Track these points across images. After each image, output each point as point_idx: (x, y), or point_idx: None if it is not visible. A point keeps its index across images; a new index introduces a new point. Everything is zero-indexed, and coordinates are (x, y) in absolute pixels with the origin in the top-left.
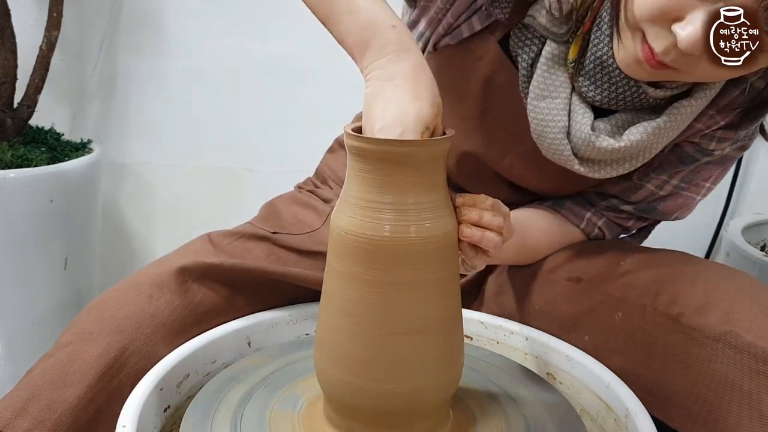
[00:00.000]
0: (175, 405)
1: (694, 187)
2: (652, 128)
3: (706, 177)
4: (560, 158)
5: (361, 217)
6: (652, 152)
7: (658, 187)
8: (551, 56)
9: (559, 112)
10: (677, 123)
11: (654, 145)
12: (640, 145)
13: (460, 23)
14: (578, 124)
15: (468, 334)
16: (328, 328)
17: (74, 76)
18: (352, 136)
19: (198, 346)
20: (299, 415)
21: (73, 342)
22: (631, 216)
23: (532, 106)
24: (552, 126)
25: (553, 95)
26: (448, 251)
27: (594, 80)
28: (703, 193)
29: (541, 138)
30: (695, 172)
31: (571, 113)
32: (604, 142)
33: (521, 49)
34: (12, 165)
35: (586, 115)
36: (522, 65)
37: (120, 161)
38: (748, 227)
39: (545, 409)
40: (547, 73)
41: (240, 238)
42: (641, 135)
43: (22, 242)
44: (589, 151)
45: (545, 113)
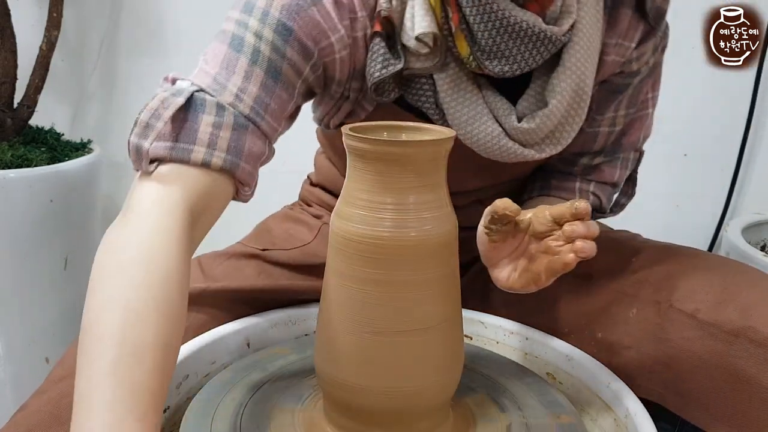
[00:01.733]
0: (174, 406)
1: (642, 105)
2: (564, 72)
3: (647, 90)
4: (517, 157)
5: (361, 217)
6: (586, 91)
7: (612, 125)
8: (446, 86)
9: (486, 125)
10: (585, 50)
11: (581, 84)
12: (567, 96)
13: (354, 109)
14: (503, 119)
15: (468, 334)
16: (327, 328)
17: (74, 76)
18: (351, 136)
19: (197, 347)
20: (299, 414)
21: (65, 377)
22: (608, 166)
23: (463, 137)
24: (489, 139)
25: (471, 115)
26: (448, 251)
27: (496, 52)
28: (652, 104)
29: (490, 153)
30: (635, 94)
31: (497, 116)
32: (534, 119)
33: (420, 99)
34: (12, 165)
35: (506, 111)
36: (430, 111)
37: (120, 161)
38: (748, 227)
39: (545, 410)
40: (453, 102)
41: (230, 258)
42: (559, 86)
43: (22, 242)
44: (530, 135)
45: (476, 134)
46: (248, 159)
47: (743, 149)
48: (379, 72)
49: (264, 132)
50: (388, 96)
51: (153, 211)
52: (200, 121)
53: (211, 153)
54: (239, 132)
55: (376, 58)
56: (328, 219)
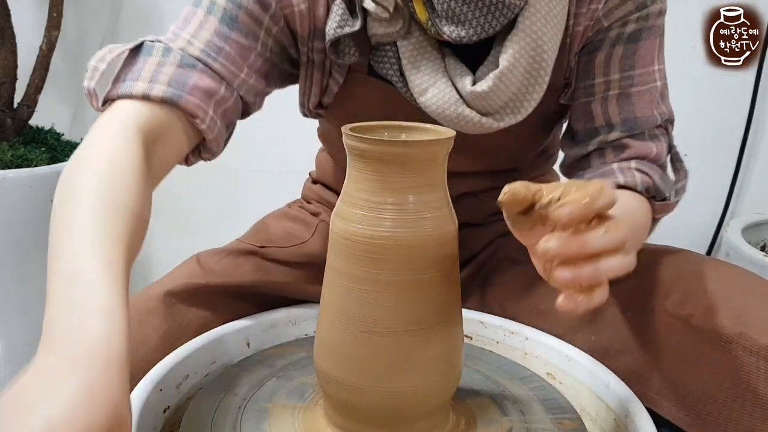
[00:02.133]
0: (174, 405)
1: (643, 78)
2: (517, 34)
3: (645, 61)
4: (475, 127)
5: (361, 218)
6: (545, 58)
7: (606, 90)
8: (409, 54)
9: (444, 92)
10: (543, 14)
11: (538, 48)
12: (522, 59)
13: (326, 84)
14: (461, 85)
15: (468, 334)
16: (327, 328)
17: (74, 76)
18: (351, 136)
19: (197, 347)
20: (300, 414)
21: None
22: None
23: (423, 104)
24: (447, 106)
25: (431, 82)
26: (448, 251)
27: (452, 17)
28: (660, 78)
29: (449, 122)
30: (627, 57)
31: (455, 84)
32: (484, 82)
33: (384, 67)
34: (12, 165)
35: (465, 77)
36: (394, 79)
37: None
38: (748, 227)
39: (545, 409)
40: (414, 69)
41: (228, 255)
42: (512, 47)
43: (22, 242)
44: (484, 100)
45: (435, 101)
46: (193, 92)
47: (743, 149)
48: (334, 30)
49: (217, 71)
50: (347, 58)
51: (106, 131)
52: (146, 62)
53: (152, 87)
54: (185, 69)
55: (334, 18)
56: (325, 216)
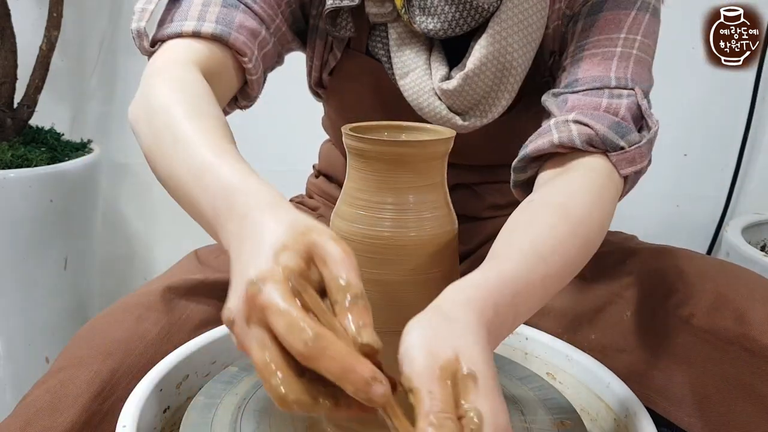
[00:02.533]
0: (174, 406)
1: (601, 42)
2: (486, 39)
3: (603, 30)
4: (442, 121)
5: (360, 217)
6: (514, 65)
7: (563, 61)
8: (396, 36)
9: (421, 79)
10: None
11: (506, 56)
12: (489, 64)
13: (326, 59)
14: (435, 77)
15: None
16: None
17: (74, 76)
18: (351, 136)
19: (197, 347)
20: (300, 415)
21: (64, 368)
22: (579, 96)
23: (402, 88)
24: (421, 94)
25: (412, 67)
26: (448, 251)
27: (424, 8)
28: (624, 45)
29: (422, 111)
30: (585, 29)
31: (432, 75)
32: (452, 81)
33: (376, 47)
34: (12, 165)
35: (440, 69)
36: (383, 59)
37: (120, 161)
38: (748, 227)
39: (545, 409)
40: (399, 51)
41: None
42: (479, 52)
43: (22, 242)
44: (452, 98)
45: (411, 86)
46: (240, 30)
47: (743, 149)
48: (332, 1)
49: (257, 13)
50: (342, 32)
51: (168, 68)
52: (191, 3)
53: (201, 24)
54: (229, 9)
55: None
56: (324, 212)
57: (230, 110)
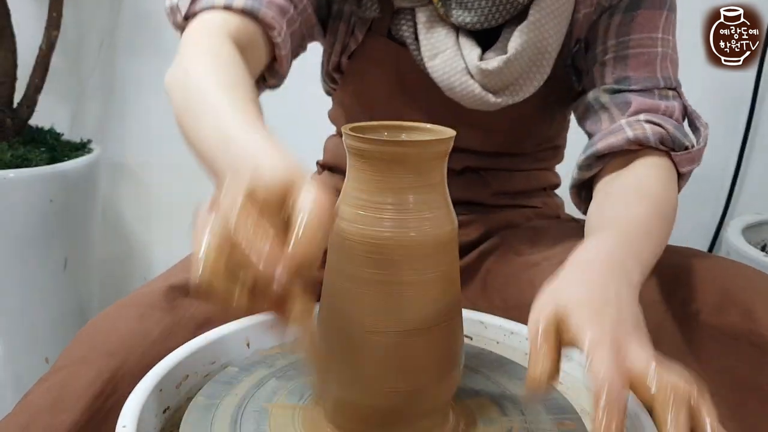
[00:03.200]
0: (174, 406)
1: (641, 42)
2: (527, 26)
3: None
4: (474, 99)
5: (360, 217)
6: (548, 50)
7: (603, 54)
8: (425, 19)
9: (453, 60)
10: (551, 10)
11: (544, 41)
12: (528, 49)
13: (347, 42)
14: (468, 58)
15: (468, 334)
16: (327, 328)
17: (74, 76)
18: (351, 136)
19: (197, 347)
20: (300, 414)
21: (66, 366)
22: (636, 96)
23: (431, 69)
24: (454, 73)
25: (441, 49)
26: (448, 251)
27: (462, 3)
28: (663, 45)
29: (452, 91)
30: (625, 24)
31: (464, 57)
32: (492, 62)
33: (401, 30)
34: (12, 165)
35: (473, 50)
36: (408, 41)
37: (119, 161)
38: (748, 227)
39: (545, 410)
40: (428, 34)
41: None
42: (521, 38)
43: (22, 242)
44: (489, 78)
45: (442, 67)
46: (270, 5)
47: (743, 149)
48: None
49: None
50: (368, 12)
51: (203, 39)
52: None
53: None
54: None
55: None
56: None
57: (259, 91)
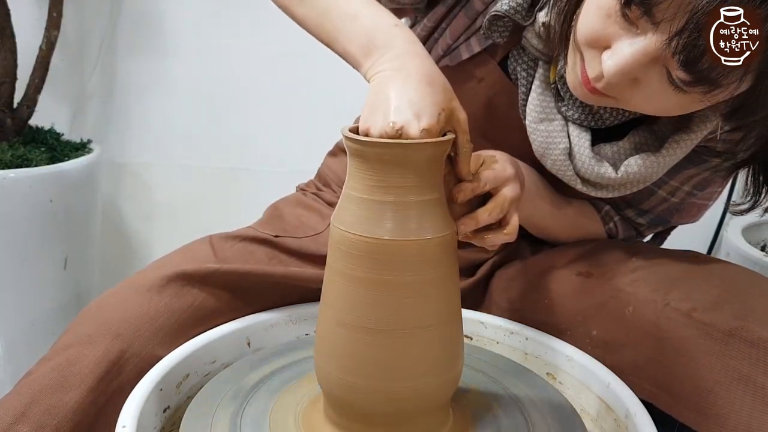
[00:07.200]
0: (174, 405)
1: (707, 195)
2: (651, 162)
3: (718, 184)
4: (563, 177)
5: (361, 218)
6: (652, 178)
7: (670, 194)
8: (544, 78)
9: (558, 134)
10: (676, 155)
11: (653, 174)
12: (638, 177)
13: (459, 44)
14: (577, 146)
15: (468, 334)
16: (327, 328)
17: (74, 76)
18: (351, 138)
19: (197, 346)
20: (300, 414)
21: (72, 345)
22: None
23: (531, 129)
24: (553, 148)
25: (550, 117)
26: (448, 251)
27: (570, 99)
28: (714, 198)
29: (544, 158)
30: (708, 180)
31: (570, 136)
32: (603, 170)
33: (519, 71)
34: (12, 165)
35: (583, 137)
36: (521, 87)
37: (120, 161)
38: (748, 227)
39: (545, 409)
40: (542, 95)
41: (242, 241)
42: (638, 167)
43: (22, 242)
44: (589, 174)
45: (545, 135)
46: None
47: None
48: (507, 6)
49: None
50: (495, 36)
51: None
52: None
53: None
54: None
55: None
56: None
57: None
